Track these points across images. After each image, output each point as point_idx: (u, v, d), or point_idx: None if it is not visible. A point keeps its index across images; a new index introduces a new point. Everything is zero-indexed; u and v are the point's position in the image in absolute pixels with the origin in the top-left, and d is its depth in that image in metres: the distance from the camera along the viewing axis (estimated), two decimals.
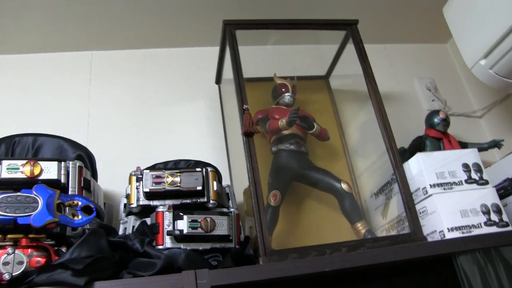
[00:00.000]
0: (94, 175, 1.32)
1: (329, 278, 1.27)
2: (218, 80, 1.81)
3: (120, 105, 1.79)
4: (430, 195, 1.30)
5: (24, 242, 1.03)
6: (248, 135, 1.27)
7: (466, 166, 1.35)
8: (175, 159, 1.38)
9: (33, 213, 1.01)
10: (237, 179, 1.59)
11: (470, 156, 1.38)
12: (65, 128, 1.35)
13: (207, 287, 1.00)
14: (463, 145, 1.66)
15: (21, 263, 1.01)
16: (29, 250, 1.03)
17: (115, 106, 1.78)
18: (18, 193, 1.02)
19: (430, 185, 1.30)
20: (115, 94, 1.81)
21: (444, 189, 1.30)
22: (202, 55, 1.93)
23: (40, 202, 1.02)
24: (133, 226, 1.25)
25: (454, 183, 1.32)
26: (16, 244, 1.03)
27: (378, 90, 1.46)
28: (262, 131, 1.56)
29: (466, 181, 1.33)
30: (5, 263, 0.99)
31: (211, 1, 1.73)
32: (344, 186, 1.44)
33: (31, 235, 1.04)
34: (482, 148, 1.61)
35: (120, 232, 1.29)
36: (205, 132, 1.78)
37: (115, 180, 1.46)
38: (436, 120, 1.66)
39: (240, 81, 1.35)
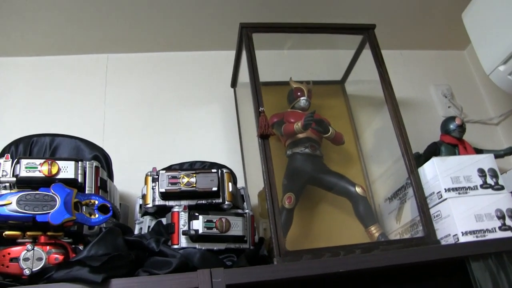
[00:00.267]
0: (110, 175, 1.34)
1: (342, 280, 1.28)
2: (234, 84, 1.82)
3: (136, 107, 1.81)
4: (445, 199, 1.29)
5: (42, 239, 1.05)
6: (263, 137, 1.28)
7: (481, 171, 1.35)
8: (191, 160, 1.40)
9: (51, 211, 1.03)
10: (251, 182, 1.60)
11: (486, 161, 1.38)
12: (81, 129, 1.37)
13: (222, 286, 1.01)
14: (479, 152, 1.64)
15: (40, 259, 1.03)
16: (48, 247, 1.05)
17: (130, 108, 1.80)
18: (37, 192, 1.05)
19: (445, 189, 1.30)
20: (130, 97, 1.83)
21: (459, 193, 1.30)
22: (217, 59, 1.95)
23: (58, 200, 1.04)
24: (149, 226, 1.27)
25: (469, 187, 1.32)
26: (35, 241, 1.05)
27: (394, 95, 1.47)
28: (277, 134, 1.56)
29: (481, 186, 1.33)
30: (25, 259, 1.02)
31: (228, 5, 1.75)
32: (358, 189, 1.44)
33: (49, 233, 1.06)
34: (498, 155, 1.60)
35: (136, 232, 1.30)
36: (220, 135, 1.80)
37: (130, 181, 1.48)
38: (451, 126, 1.64)
39: (256, 83, 1.36)
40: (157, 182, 1.23)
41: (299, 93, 1.60)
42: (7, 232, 1.03)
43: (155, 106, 1.82)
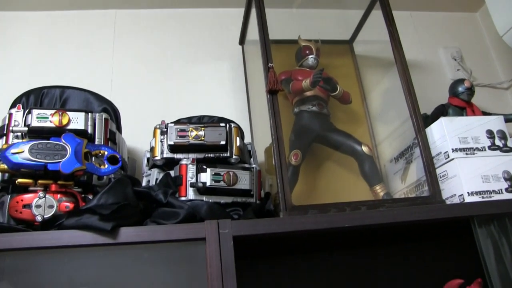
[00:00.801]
0: (119, 128, 1.35)
1: (346, 236, 1.30)
2: (242, 41, 1.81)
3: (143, 63, 1.81)
4: (452, 159, 1.30)
5: (53, 187, 1.07)
6: (272, 92, 1.28)
7: (490, 133, 1.35)
8: (199, 115, 1.40)
9: (62, 160, 1.05)
10: (257, 140, 1.60)
11: (495, 123, 1.37)
12: (89, 84, 1.37)
13: (229, 237, 1.03)
14: (487, 115, 1.64)
15: (51, 206, 1.05)
16: (58, 195, 1.07)
17: (138, 64, 1.80)
18: (48, 141, 1.06)
19: (452, 149, 1.30)
20: (138, 53, 1.82)
21: (466, 154, 1.30)
22: (226, 16, 1.93)
23: (69, 150, 1.06)
24: (156, 179, 1.28)
25: (477, 148, 1.32)
26: (46, 190, 1.07)
27: (403, 54, 1.45)
28: (285, 92, 1.56)
29: (489, 147, 1.33)
30: (37, 206, 1.04)
31: None
32: (364, 148, 1.45)
33: (60, 182, 1.08)
34: (508, 119, 1.59)
35: (143, 184, 1.31)
36: (227, 92, 1.80)
37: (138, 136, 1.50)
38: (460, 88, 1.63)
39: (265, 39, 1.35)
40: (165, 135, 1.23)
41: (307, 51, 1.59)
42: (19, 180, 1.05)
43: (163, 62, 1.82)
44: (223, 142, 1.22)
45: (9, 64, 1.73)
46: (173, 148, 1.23)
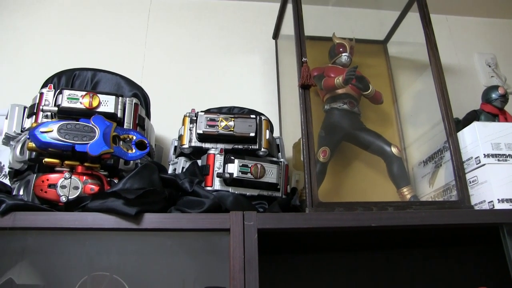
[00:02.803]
0: (148, 115, 1.34)
1: (371, 236, 1.28)
2: (276, 35, 1.80)
3: (176, 51, 1.81)
4: (483, 164, 1.27)
5: (80, 169, 1.07)
6: (305, 87, 1.26)
7: None
8: (229, 106, 1.39)
9: (90, 142, 1.04)
10: (286, 135, 1.59)
11: None
12: (120, 70, 1.37)
13: (254, 229, 1.01)
14: None
15: (76, 188, 1.04)
16: (84, 177, 1.07)
17: (170, 52, 1.81)
18: (77, 122, 1.06)
19: (484, 154, 1.27)
20: (171, 41, 1.83)
21: (499, 160, 1.28)
22: (261, 10, 1.93)
23: (97, 132, 1.05)
24: (183, 167, 1.27)
25: (510, 155, 1.29)
26: (72, 171, 1.07)
27: (439, 56, 1.42)
28: (317, 88, 1.54)
29: None
30: (63, 186, 1.03)
31: None
32: (394, 150, 1.43)
33: (86, 164, 1.08)
34: None
35: (170, 172, 1.31)
36: (258, 85, 1.79)
37: (166, 125, 1.50)
38: (494, 95, 1.60)
39: (300, 33, 1.34)
40: (195, 124, 1.23)
41: (341, 49, 1.58)
42: (46, 159, 1.05)
43: (195, 52, 1.82)
44: (252, 134, 1.21)
45: (42, 46, 1.75)
46: (202, 137, 1.22)
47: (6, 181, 1.25)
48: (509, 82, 1.97)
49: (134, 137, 1.12)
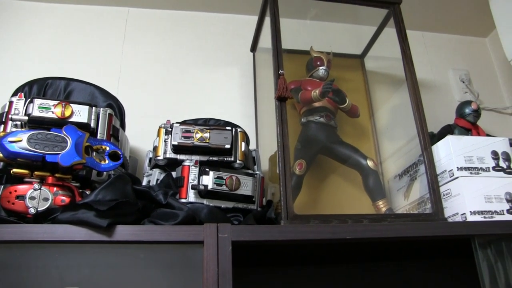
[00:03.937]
0: (123, 126, 1.33)
1: (346, 248, 1.28)
2: (254, 48, 1.81)
3: (152, 63, 1.80)
4: (456, 177, 1.28)
5: (50, 180, 1.05)
6: (281, 99, 1.26)
7: (495, 154, 1.34)
8: (205, 117, 1.38)
9: (62, 152, 1.02)
10: (263, 147, 1.59)
11: (501, 144, 1.36)
12: (95, 80, 1.35)
13: (228, 242, 1.00)
14: None
15: (46, 199, 1.02)
16: (55, 188, 1.05)
17: (147, 64, 1.79)
18: (48, 131, 1.03)
19: (457, 167, 1.29)
20: (148, 52, 1.82)
21: (471, 173, 1.30)
22: (239, 23, 1.94)
23: (69, 142, 1.03)
24: (157, 179, 1.26)
25: (482, 168, 1.31)
26: (42, 182, 1.04)
27: (414, 71, 1.45)
28: (293, 101, 1.55)
29: (493, 168, 1.32)
30: (31, 198, 1.01)
31: None
32: (370, 163, 1.44)
33: (57, 175, 1.05)
34: None
35: (144, 184, 1.29)
36: (235, 98, 1.79)
37: (141, 136, 1.48)
38: (467, 110, 1.63)
39: (277, 46, 1.34)
40: (170, 135, 1.22)
41: (318, 62, 1.58)
42: (15, 170, 1.02)
43: (172, 64, 1.81)
44: (228, 146, 1.20)
45: (14, 54, 1.73)
46: (177, 149, 1.21)
47: None
48: (482, 98, 2.01)
49: (108, 148, 1.10)
